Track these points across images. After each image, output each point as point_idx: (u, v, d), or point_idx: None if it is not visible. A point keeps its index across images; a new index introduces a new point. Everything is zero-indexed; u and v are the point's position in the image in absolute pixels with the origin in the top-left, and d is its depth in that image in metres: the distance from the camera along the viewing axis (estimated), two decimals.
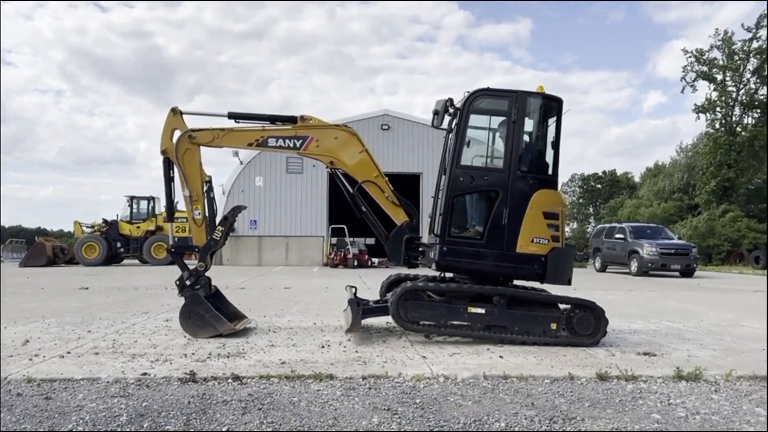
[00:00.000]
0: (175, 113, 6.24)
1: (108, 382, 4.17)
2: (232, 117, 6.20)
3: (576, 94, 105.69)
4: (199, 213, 6.25)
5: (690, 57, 34.45)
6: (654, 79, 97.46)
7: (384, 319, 6.42)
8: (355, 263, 22.40)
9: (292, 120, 6.28)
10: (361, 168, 6.29)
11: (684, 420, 3.51)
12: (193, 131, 6.20)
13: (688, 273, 19.18)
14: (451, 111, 6.08)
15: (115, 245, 23.89)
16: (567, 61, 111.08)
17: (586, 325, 5.70)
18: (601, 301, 6.11)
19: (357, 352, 5.34)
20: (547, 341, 5.64)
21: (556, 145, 6.08)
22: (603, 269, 22.16)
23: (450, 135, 6.15)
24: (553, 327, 5.69)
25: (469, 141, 6.08)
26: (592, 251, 23.69)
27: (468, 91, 5.95)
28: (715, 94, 34.04)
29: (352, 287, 6.79)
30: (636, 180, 57.06)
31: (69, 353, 5.13)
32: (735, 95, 33.60)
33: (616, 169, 62.60)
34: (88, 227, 25.17)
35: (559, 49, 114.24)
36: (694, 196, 36.41)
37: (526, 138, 6.01)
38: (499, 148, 6.11)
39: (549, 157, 6.12)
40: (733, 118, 34.01)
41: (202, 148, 6.28)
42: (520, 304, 5.80)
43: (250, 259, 24.82)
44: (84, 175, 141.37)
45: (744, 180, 34.08)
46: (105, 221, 24.56)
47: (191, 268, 6.15)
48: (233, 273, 17.53)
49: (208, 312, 5.93)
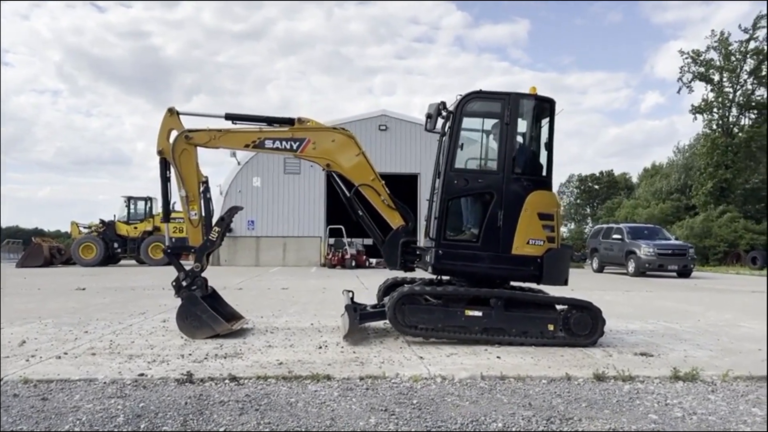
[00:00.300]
0: (172, 114, 6.22)
1: (105, 382, 4.17)
2: (229, 118, 6.18)
3: (574, 94, 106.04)
4: (196, 213, 6.25)
5: (687, 58, 34.66)
6: (652, 80, 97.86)
7: (381, 320, 6.41)
8: (353, 264, 22.38)
9: (289, 122, 6.28)
10: (358, 171, 6.27)
11: (681, 420, 3.52)
12: (190, 132, 6.20)
13: (685, 274, 19.22)
14: (444, 114, 6.06)
15: (112, 246, 23.87)
16: (565, 62, 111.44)
17: (583, 326, 5.70)
18: (599, 302, 6.11)
19: (354, 352, 5.34)
20: (545, 342, 5.64)
21: (549, 146, 6.08)
22: (600, 270, 22.23)
23: (444, 138, 6.14)
24: (551, 328, 5.69)
25: (463, 144, 6.07)
26: (589, 252, 23.74)
27: (460, 95, 5.94)
28: (712, 95, 34.23)
29: (349, 292, 6.76)
30: (633, 180, 57.17)
31: (66, 354, 5.12)
32: (732, 96, 33.73)
33: (613, 170, 62.79)
34: (85, 228, 25.16)
35: (557, 50, 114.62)
36: (691, 196, 36.49)
37: (519, 140, 6.00)
38: (493, 150, 6.12)
39: (543, 159, 6.12)
40: (730, 119, 34.16)
41: (199, 148, 6.28)
42: (517, 305, 5.79)
43: (247, 260, 24.79)
44: (81, 176, 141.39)
45: (741, 181, 34.22)
46: (102, 222, 24.55)
47: (188, 268, 6.15)
48: (230, 273, 17.50)
49: (205, 312, 5.92)
